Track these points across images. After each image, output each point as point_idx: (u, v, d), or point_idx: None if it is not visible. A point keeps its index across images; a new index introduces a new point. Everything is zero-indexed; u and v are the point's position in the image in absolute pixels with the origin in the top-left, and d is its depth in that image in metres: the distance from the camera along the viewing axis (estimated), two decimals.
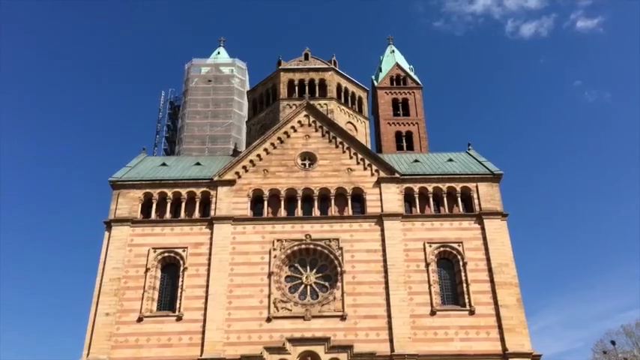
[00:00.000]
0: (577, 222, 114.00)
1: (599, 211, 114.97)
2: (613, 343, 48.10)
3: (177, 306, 33.52)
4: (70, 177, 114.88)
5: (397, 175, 37.98)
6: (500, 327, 32.59)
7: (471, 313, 33.21)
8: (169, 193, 37.46)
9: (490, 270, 34.40)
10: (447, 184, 37.88)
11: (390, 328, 32.60)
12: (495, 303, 33.31)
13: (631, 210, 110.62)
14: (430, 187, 37.77)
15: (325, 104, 46.12)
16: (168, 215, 36.99)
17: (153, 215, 37.01)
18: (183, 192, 37.54)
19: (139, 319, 33.06)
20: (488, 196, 37.33)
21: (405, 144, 49.89)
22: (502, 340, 32.21)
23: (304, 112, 41.18)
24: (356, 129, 47.43)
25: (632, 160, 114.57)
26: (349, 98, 49.22)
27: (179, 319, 33.10)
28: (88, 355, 31.92)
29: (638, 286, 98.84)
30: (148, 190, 37.52)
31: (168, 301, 34.42)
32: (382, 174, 38.16)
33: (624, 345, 49.96)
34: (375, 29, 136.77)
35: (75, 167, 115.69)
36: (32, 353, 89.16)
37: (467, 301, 33.60)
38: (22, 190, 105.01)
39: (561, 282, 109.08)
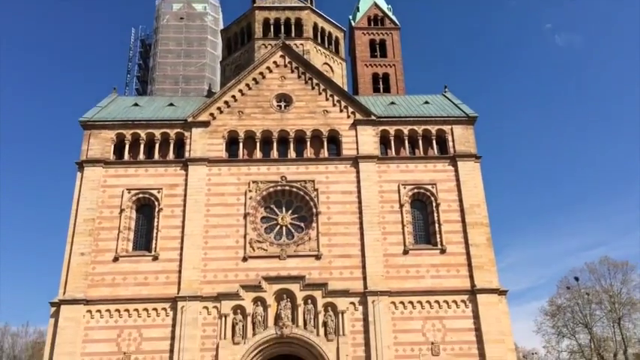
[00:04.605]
0: (545, 164, 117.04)
1: (567, 153, 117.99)
2: (576, 279, 50.49)
3: (153, 246, 33.67)
4: (39, 116, 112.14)
5: (373, 118, 37.88)
6: (469, 265, 33.73)
7: (442, 251, 34.18)
8: (142, 134, 36.82)
9: (462, 210, 35.19)
10: (423, 127, 37.97)
11: (363, 267, 33.42)
12: (466, 242, 34.28)
13: (598, 154, 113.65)
14: (406, 129, 37.85)
15: (301, 44, 45.29)
16: (141, 156, 36.49)
17: (126, 156, 36.45)
18: (157, 133, 36.93)
19: (115, 259, 33.20)
20: (462, 138, 37.65)
21: (381, 86, 49.47)
22: (471, 277, 33.43)
23: (280, 53, 40.25)
24: (332, 70, 46.83)
25: (601, 105, 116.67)
26: (326, 39, 48.31)
27: (155, 258, 33.34)
28: (64, 293, 32.15)
29: (603, 225, 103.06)
30: (120, 131, 36.80)
31: (144, 241, 34.51)
32: (358, 116, 38.00)
33: (587, 281, 52.47)
34: None
35: (44, 106, 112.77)
36: (8, 291, 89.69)
37: (439, 240, 34.49)
38: None
39: (528, 222, 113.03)
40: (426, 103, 41.06)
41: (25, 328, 61.32)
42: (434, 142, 37.79)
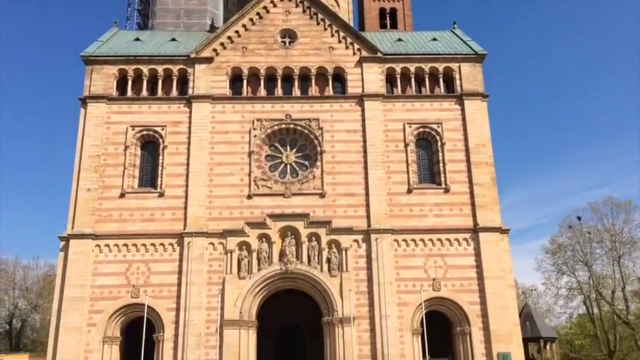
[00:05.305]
0: (551, 104, 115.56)
1: (574, 92, 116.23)
2: (579, 218, 50.69)
3: (159, 183, 33.93)
4: (39, 50, 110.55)
5: (379, 55, 37.04)
6: (473, 204, 33.93)
7: (446, 191, 34.30)
8: (145, 69, 36.25)
9: (467, 150, 35.01)
10: (430, 65, 37.15)
11: (367, 205, 33.69)
12: (470, 181, 34.32)
13: (605, 93, 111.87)
14: (412, 67, 37.06)
15: None
16: (144, 93, 36.11)
17: (129, 92, 36.09)
18: (160, 69, 36.36)
19: (121, 195, 33.54)
20: (470, 76, 36.91)
21: (388, 22, 48.04)
22: (474, 215, 33.71)
23: None
24: (338, 5, 45.48)
25: (611, 46, 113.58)
26: None
27: (161, 195, 33.66)
28: (72, 228, 32.74)
29: (607, 165, 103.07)
30: (122, 67, 36.24)
31: (149, 178, 34.78)
32: (364, 53, 37.17)
33: (589, 220, 52.50)
34: None
35: (44, 41, 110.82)
36: (17, 226, 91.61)
37: (443, 179, 34.55)
38: None
39: (533, 161, 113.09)
40: (434, 40, 40.03)
41: (35, 261, 62.77)
42: (441, 80, 37.11)
